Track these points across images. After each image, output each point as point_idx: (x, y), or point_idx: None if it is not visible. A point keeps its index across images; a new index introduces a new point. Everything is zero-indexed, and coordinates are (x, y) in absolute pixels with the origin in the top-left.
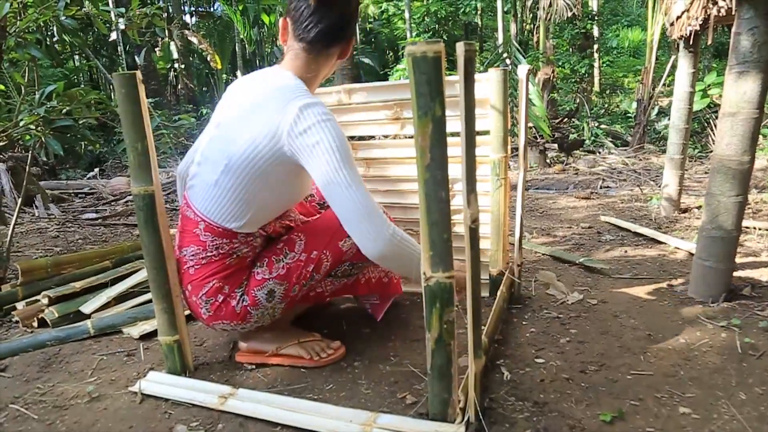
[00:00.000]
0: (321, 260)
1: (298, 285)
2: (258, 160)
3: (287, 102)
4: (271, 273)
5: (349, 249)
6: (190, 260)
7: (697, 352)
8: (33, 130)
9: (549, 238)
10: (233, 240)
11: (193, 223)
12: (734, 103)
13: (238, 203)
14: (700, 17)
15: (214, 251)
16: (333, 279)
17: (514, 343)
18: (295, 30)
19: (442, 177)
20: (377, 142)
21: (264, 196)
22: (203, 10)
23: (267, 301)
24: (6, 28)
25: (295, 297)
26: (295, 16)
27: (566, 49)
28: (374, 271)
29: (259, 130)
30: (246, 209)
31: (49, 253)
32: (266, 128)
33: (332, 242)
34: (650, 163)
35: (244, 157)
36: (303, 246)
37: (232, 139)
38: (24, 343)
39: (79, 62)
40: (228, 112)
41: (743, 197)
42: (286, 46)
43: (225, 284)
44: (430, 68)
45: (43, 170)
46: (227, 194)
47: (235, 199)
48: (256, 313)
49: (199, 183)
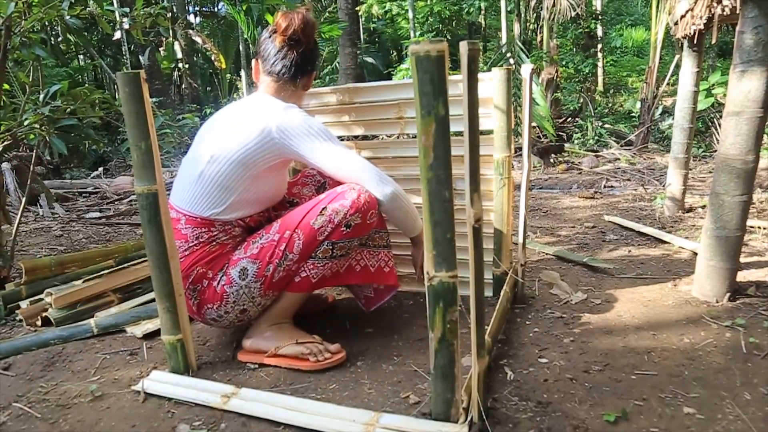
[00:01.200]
0: (292, 238)
1: (272, 264)
2: (246, 152)
3: (271, 108)
4: (246, 252)
5: (322, 226)
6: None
7: (702, 352)
8: (37, 129)
9: (553, 237)
10: (211, 228)
11: (176, 221)
12: (738, 102)
13: (220, 190)
14: (704, 16)
15: (194, 241)
16: (315, 261)
17: (517, 343)
18: (264, 66)
19: (446, 176)
20: (381, 142)
21: (245, 186)
22: (207, 10)
23: (240, 278)
24: (11, 28)
25: (271, 278)
26: (263, 55)
27: (570, 49)
28: (370, 258)
29: (248, 134)
30: (226, 196)
31: (53, 252)
32: (255, 131)
33: (304, 220)
34: (654, 163)
35: (231, 149)
36: (277, 228)
37: (221, 140)
38: (27, 342)
39: (83, 61)
40: (212, 132)
41: (748, 196)
42: (258, 81)
43: (208, 269)
44: (434, 67)
45: (47, 169)
46: (210, 182)
47: (217, 186)
48: (232, 292)
49: (179, 183)
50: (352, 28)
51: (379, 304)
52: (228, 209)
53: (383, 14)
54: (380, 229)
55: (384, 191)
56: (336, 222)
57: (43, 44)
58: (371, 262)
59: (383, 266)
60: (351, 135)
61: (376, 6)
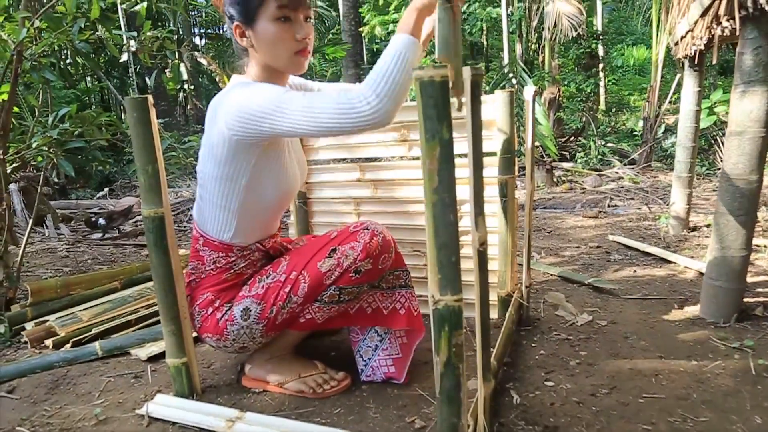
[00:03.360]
0: (298, 281)
1: (275, 306)
2: (217, 163)
3: (220, 99)
4: (251, 291)
5: (329, 270)
6: (192, 274)
7: (710, 374)
8: (45, 151)
9: (557, 258)
10: (229, 254)
11: (195, 239)
12: (740, 123)
13: (220, 211)
14: (704, 37)
15: (212, 265)
16: (321, 305)
17: (523, 366)
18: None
19: (450, 199)
20: (384, 164)
21: (239, 200)
22: (213, 32)
23: (242, 318)
24: (22, 53)
25: (274, 320)
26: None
27: (572, 68)
28: (383, 300)
29: (209, 134)
30: (229, 217)
31: (58, 273)
32: (214, 128)
33: (311, 263)
34: (658, 181)
35: (205, 163)
36: (285, 267)
37: (201, 156)
38: (32, 365)
39: (90, 83)
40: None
41: (753, 216)
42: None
43: (217, 297)
44: (437, 92)
45: (53, 190)
46: (208, 205)
47: (215, 207)
48: (232, 330)
49: (197, 201)
50: (356, 49)
51: (407, 365)
52: (239, 233)
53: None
54: (395, 269)
55: (376, 107)
56: (344, 267)
57: (52, 67)
58: (384, 303)
59: (399, 308)
60: (355, 157)
61: (379, 27)
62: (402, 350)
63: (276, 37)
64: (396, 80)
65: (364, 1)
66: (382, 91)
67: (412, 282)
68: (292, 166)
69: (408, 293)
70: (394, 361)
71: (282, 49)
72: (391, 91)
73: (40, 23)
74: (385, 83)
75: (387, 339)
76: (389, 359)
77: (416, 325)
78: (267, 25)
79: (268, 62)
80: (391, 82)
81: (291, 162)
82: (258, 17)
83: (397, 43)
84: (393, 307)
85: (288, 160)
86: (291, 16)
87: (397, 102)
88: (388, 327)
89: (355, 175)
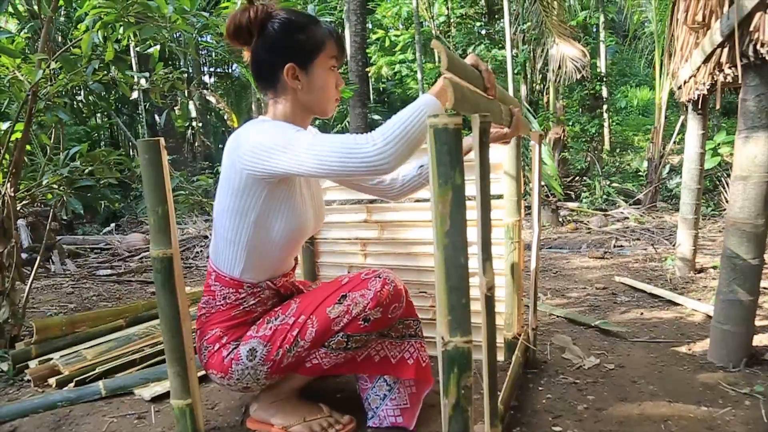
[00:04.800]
0: (306, 325)
1: (281, 349)
2: (230, 195)
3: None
4: (258, 332)
5: (337, 317)
6: (203, 308)
7: (720, 421)
8: (56, 189)
9: (563, 299)
10: (239, 290)
11: (209, 274)
12: (745, 167)
13: (230, 245)
14: (707, 82)
15: (222, 301)
16: (328, 351)
17: (530, 410)
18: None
19: (462, 242)
20: (391, 206)
21: (248, 236)
22: (222, 71)
23: (248, 359)
24: (37, 93)
25: (280, 362)
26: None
27: (576, 109)
28: (392, 349)
29: (225, 166)
30: (239, 252)
31: (63, 310)
32: (229, 161)
33: (320, 307)
34: (663, 221)
35: (220, 196)
36: (294, 310)
37: (218, 191)
38: (35, 404)
39: (100, 119)
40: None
41: (760, 259)
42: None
43: (225, 334)
44: (451, 139)
45: (60, 225)
46: (221, 240)
47: (226, 242)
48: (237, 369)
49: (212, 236)
50: (362, 89)
51: (416, 415)
52: (248, 269)
53: (392, 75)
54: (405, 318)
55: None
56: (353, 314)
57: (64, 106)
58: (393, 352)
59: (407, 358)
60: (361, 199)
61: (386, 67)
62: (410, 400)
63: (327, 83)
64: (408, 129)
65: (371, 42)
66: (390, 135)
67: (422, 332)
68: (304, 206)
69: (417, 343)
70: (402, 411)
71: (328, 95)
72: (400, 137)
73: (56, 64)
74: (396, 129)
75: (396, 389)
76: (397, 409)
77: (425, 376)
78: (321, 72)
79: (310, 104)
80: (403, 129)
81: (304, 203)
82: (314, 63)
83: (420, 100)
84: (402, 357)
85: (300, 200)
86: (336, 66)
87: (404, 149)
88: (395, 376)
89: (361, 216)
